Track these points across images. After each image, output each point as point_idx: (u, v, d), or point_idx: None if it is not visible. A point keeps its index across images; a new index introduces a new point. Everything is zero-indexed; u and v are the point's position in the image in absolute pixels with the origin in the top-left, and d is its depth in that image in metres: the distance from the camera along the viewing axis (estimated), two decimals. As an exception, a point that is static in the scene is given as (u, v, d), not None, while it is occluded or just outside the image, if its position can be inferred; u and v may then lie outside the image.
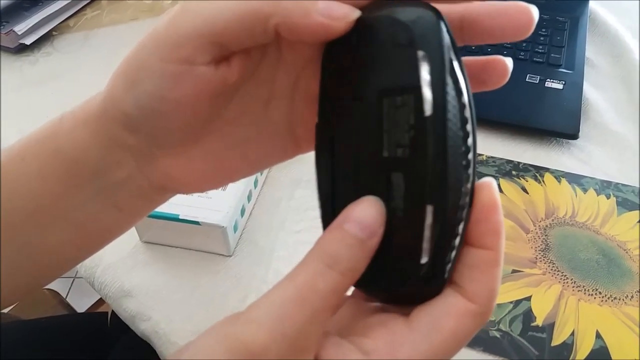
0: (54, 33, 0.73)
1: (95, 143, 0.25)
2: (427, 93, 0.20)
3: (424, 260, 0.21)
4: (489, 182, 0.22)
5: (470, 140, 0.21)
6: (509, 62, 0.24)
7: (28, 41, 0.70)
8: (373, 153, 0.21)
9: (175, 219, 0.44)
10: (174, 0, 0.78)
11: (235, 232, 0.46)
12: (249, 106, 0.26)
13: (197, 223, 0.44)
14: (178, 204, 0.45)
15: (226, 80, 0.23)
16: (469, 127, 0.21)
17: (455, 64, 0.21)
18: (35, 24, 0.71)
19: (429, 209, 0.20)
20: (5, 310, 0.78)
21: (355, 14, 0.22)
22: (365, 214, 0.21)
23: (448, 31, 0.21)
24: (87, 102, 0.26)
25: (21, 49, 0.71)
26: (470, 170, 0.21)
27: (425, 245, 0.21)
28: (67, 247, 0.28)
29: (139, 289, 0.44)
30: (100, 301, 1.20)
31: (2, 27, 0.69)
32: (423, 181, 0.20)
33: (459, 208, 0.21)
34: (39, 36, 0.71)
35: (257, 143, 0.27)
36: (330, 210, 0.23)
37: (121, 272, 0.45)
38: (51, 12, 0.73)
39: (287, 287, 0.20)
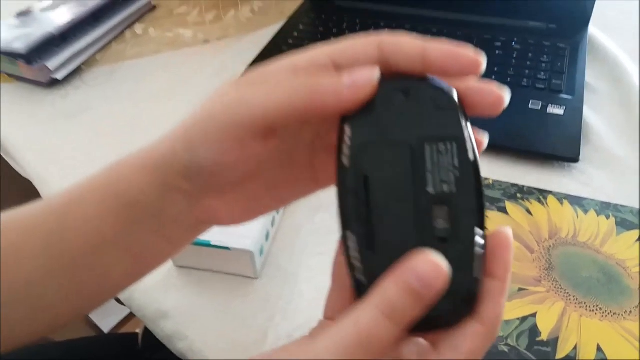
0: (82, 67, 0.78)
1: (155, 187, 0.29)
2: (469, 143, 0.26)
3: (476, 273, 0.25)
4: (507, 228, 0.27)
5: None
6: (504, 92, 0.28)
7: (60, 76, 0.75)
8: (417, 190, 0.25)
9: (207, 244, 0.48)
10: (195, 32, 0.83)
11: (261, 256, 0.50)
12: (281, 157, 0.30)
13: (227, 248, 0.48)
14: (209, 232, 0.48)
15: (269, 147, 0.28)
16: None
17: None
18: (66, 59, 0.76)
19: (478, 235, 0.25)
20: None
21: (376, 74, 0.26)
22: (427, 268, 0.24)
23: None
24: (143, 151, 0.30)
25: (52, 83, 0.75)
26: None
27: (476, 266, 0.25)
28: (122, 275, 0.32)
29: (175, 310, 0.48)
30: (124, 321, 1.24)
31: (35, 63, 0.74)
32: (471, 212, 0.25)
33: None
34: (69, 71, 0.76)
35: (287, 184, 0.32)
36: (368, 241, 0.25)
37: (158, 295, 0.49)
38: (80, 47, 0.78)
39: (349, 328, 0.24)
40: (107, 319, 1.23)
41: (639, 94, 0.66)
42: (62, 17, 0.79)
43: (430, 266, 0.24)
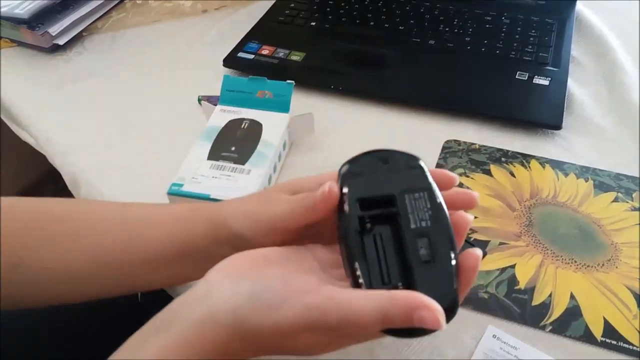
0: (84, 34, 0.80)
1: (210, 239, 0.40)
2: (436, 191, 0.35)
3: (456, 284, 0.32)
4: (478, 250, 0.33)
5: None
6: (476, 195, 0.37)
7: (61, 41, 0.77)
8: (404, 228, 0.34)
9: (206, 198, 0.50)
10: (194, 2, 0.85)
11: (258, 211, 0.52)
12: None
13: (225, 202, 0.50)
14: (209, 186, 0.51)
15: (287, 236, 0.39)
16: None
17: None
18: (68, 25, 0.78)
19: (453, 255, 0.33)
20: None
21: (334, 185, 0.36)
22: (430, 316, 0.29)
23: None
24: (203, 211, 0.41)
25: (54, 49, 0.77)
26: None
27: (455, 280, 0.32)
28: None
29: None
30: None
31: (37, 29, 0.75)
32: (444, 239, 0.33)
33: None
34: (70, 37, 0.78)
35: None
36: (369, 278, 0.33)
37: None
38: (81, 14, 0.80)
39: (350, 298, 0.31)
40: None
41: (621, 68, 0.69)
42: (64, -16, 0.80)
43: (432, 316, 0.29)
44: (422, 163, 0.37)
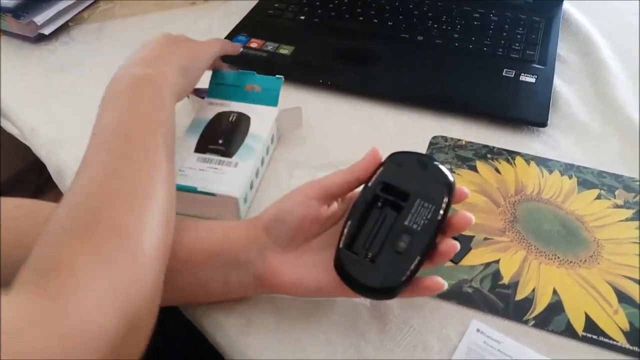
0: (70, 24, 0.79)
1: (245, 240, 0.44)
2: (442, 210, 0.40)
3: (403, 278, 0.39)
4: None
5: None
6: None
7: (47, 31, 0.76)
8: (398, 219, 0.40)
9: (193, 190, 0.50)
10: (181, -5, 0.84)
11: (245, 204, 0.52)
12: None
13: (212, 194, 0.50)
14: (195, 179, 0.51)
15: (321, 214, 0.43)
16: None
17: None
18: (54, 15, 0.77)
19: (417, 259, 0.39)
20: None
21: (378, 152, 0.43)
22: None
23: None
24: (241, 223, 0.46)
25: (40, 39, 0.76)
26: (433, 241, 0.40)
27: (408, 273, 0.39)
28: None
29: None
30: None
31: (22, 18, 0.74)
32: (420, 245, 0.39)
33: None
34: (56, 27, 0.77)
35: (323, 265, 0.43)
36: (353, 238, 0.40)
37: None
38: (68, 4, 0.79)
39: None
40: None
41: (607, 67, 0.70)
42: (50, -27, 0.79)
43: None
44: (450, 183, 0.41)
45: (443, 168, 0.41)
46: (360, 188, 0.42)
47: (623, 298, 0.46)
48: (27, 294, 0.30)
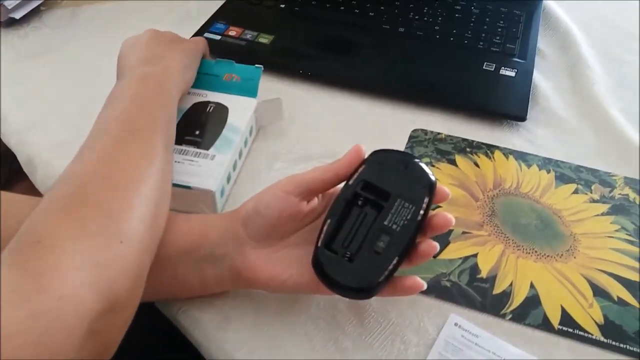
0: (42, 8, 0.77)
1: (223, 234, 0.43)
2: (422, 210, 0.39)
3: (381, 279, 0.38)
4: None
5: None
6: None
7: (17, 15, 0.73)
8: (378, 219, 0.39)
9: (169, 182, 0.49)
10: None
11: (222, 197, 0.52)
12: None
13: (188, 187, 0.49)
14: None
15: (301, 210, 0.42)
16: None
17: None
18: (25, -1, 0.74)
19: (396, 260, 0.38)
20: None
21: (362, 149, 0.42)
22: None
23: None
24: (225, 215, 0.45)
25: (10, 23, 0.74)
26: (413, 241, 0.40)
27: (386, 274, 0.38)
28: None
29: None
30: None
31: (-8, 1, 0.72)
32: (399, 245, 0.39)
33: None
34: (27, 11, 0.75)
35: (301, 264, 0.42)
36: (332, 236, 0.40)
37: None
38: (40, -13, 0.76)
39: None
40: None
41: (585, 62, 0.70)
42: (21, -45, 0.76)
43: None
44: (431, 184, 0.40)
45: (425, 167, 0.41)
46: (342, 185, 0.42)
47: (598, 292, 0.46)
48: (6, 269, 0.30)
